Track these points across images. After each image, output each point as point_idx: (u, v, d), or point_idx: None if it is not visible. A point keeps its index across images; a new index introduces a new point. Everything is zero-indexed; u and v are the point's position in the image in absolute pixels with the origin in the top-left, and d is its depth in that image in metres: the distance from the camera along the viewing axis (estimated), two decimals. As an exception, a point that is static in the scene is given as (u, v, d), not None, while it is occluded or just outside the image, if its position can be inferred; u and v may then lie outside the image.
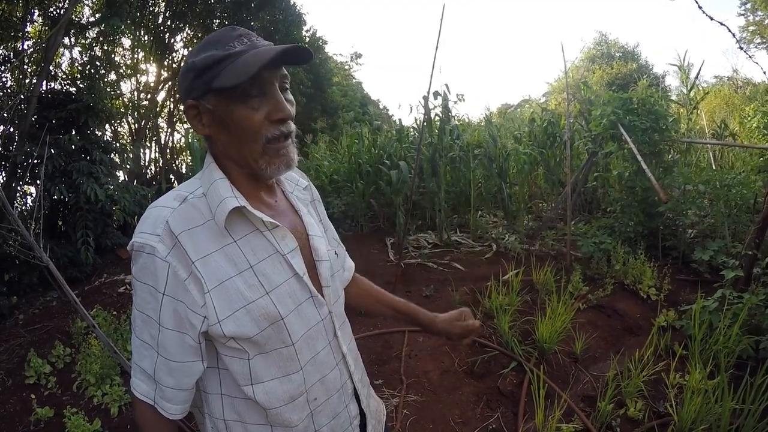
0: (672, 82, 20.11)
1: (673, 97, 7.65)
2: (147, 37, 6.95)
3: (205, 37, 0.78)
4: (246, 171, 0.81)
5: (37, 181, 4.21)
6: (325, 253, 0.89)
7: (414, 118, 7.38)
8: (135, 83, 7.03)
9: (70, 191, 4.36)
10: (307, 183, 0.99)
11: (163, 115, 7.75)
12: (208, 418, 0.85)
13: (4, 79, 5.09)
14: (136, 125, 7.09)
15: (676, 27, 48.16)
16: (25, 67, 5.23)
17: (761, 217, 2.88)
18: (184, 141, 7.10)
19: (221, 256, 0.76)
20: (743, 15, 17.42)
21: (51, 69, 5.13)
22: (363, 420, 0.97)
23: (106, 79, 5.71)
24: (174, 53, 7.40)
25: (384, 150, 5.80)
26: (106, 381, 2.64)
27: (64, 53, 6.02)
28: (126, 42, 6.58)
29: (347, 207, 5.82)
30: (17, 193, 4.62)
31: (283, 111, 0.76)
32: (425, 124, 4.79)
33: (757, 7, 16.27)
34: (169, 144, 7.85)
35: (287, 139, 0.79)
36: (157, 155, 7.63)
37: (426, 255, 4.57)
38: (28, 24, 5.27)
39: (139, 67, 6.96)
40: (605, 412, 2.13)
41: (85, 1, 6.02)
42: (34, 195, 4.86)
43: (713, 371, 2.31)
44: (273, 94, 0.76)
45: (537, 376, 2.17)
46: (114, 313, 3.35)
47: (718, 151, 6.46)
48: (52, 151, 4.35)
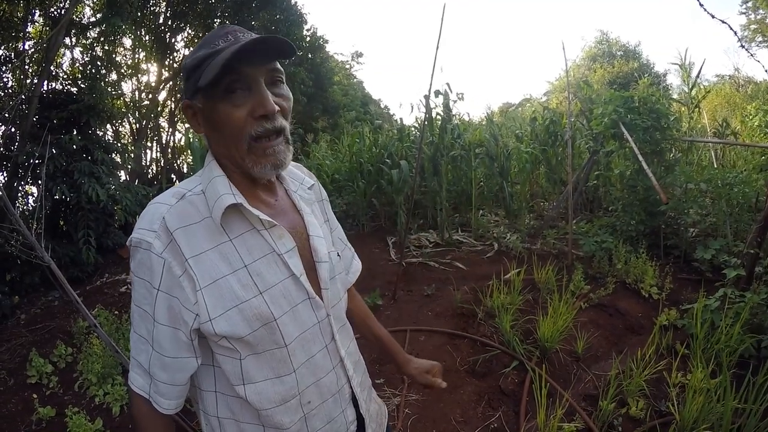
0: (673, 80, 20.04)
1: (675, 95, 7.63)
2: (148, 37, 6.96)
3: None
4: (241, 170, 0.80)
5: (39, 181, 4.22)
6: (326, 254, 0.87)
7: (415, 117, 7.38)
8: (136, 83, 7.05)
9: (72, 191, 4.37)
10: (313, 182, 0.97)
11: (164, 114, 7.77)
12: (203, 414, 0.85)
13: (6, 80, 5.10)
14: (138, 125, 7.10)
15: (677, 26, 48.13)
16: (26, 67, 5.24)
17: (763, 215, 2.87)
18: (184, 141, 7.11)
19: (216, 254, 0.75)
20: (744, 13, 17.38)
21: (52, 69, 5.14)
22: (361, 425, 0.94)
23: (107, 79, 5.73)
24: (175, 53, 7.41)
25: (385, 149, 5.79)
26: (108, 380, 2.65)
27: (65, 53, 6.04)
28: (127, 42, 6.60)
29: (348, 206, 5.83)
30: (19, 193, 4.63)
31: (265, 106, 0.73)
32: (426, 123, 4.78)
33: (758, 5, 16.21)
34: (171, 144, 7.86)
35: (276, 137, 0.77)
36: (158, 155, 7.65)
37: (427, 254, 4.58)
38: (29, 24, 5.28)
39: (140, 67, 6.98)
40: (607, 411, 2.13)
41: (86, 1, 6.03)
42: (35, 195, 4.87)
43: (715, 370, 2.31)
44: (257, 89, 0.74)
45: (539, 375, 2.17)
46: (116, 312, 3.36)
47: (720, 149, 6.45)
48: (54, 151, 4.36)
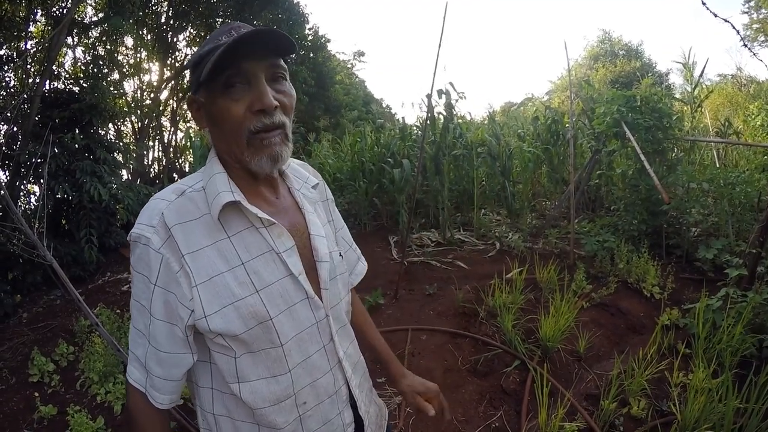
0: (676, 80, 20.04)
1: (677, 95, 7.59)
2: (150, 36, 6.98)
3: None
4: (242, 166, 0.80)
5: (41, 180, 4.23)
6: (326, 254, 0.86)
7: (417, 116, 7.36)
8: (138, 82, 7.07)
9: (74, 190, 4.38)
10: (318, 181, 0.96)
11: (166, 113, 7.78)
12: (200, 411, 0.85)
13: (8, 79, 5.11)
14: (140, 124, 7.12)
15: (679, 25, 48.04)
16: (29, 66, 5.24)
17: (765, 215, 2.86)
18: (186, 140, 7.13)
19: (213, 251, 0.75)
20: (747, 13, 17.33)
21: (54, 68, 5.15)
22: (360, 427, 0.93)
23: (109, 79, 5.73)
24: (177, 52, 7.44)
25: (387, 148, 5.79)
26: (110, 379, 2.66)
27: (67, 53, 6.04)
28: (129, 41, 6.60)
29: (350, 205, 5.84)
30: (21, 192, 4.64)
31: (263, 101, 0.74)
32: (428, 122, 4.78)
33: (760, 4, 16.17)
34: (172, 143, 7.88)
35: (274, 131, 0.77)
36: (160, 154, 7.67)
37: (429, 253, 4.57)
38: (31, 24, 5.28)
39: (142, 66, 7.00)
40: (608, 411, 2.13)
41: (88, 1, 6.04)
42: (37, 194, 4.87)
43: (717, 370, 2.30)
44: (256, 84, 0.75)
45: (540, 374, 2.17)
46: (117, 311, 3.37)
47: (722, 149, 6.42)
48: (56, 150, 4.37)
